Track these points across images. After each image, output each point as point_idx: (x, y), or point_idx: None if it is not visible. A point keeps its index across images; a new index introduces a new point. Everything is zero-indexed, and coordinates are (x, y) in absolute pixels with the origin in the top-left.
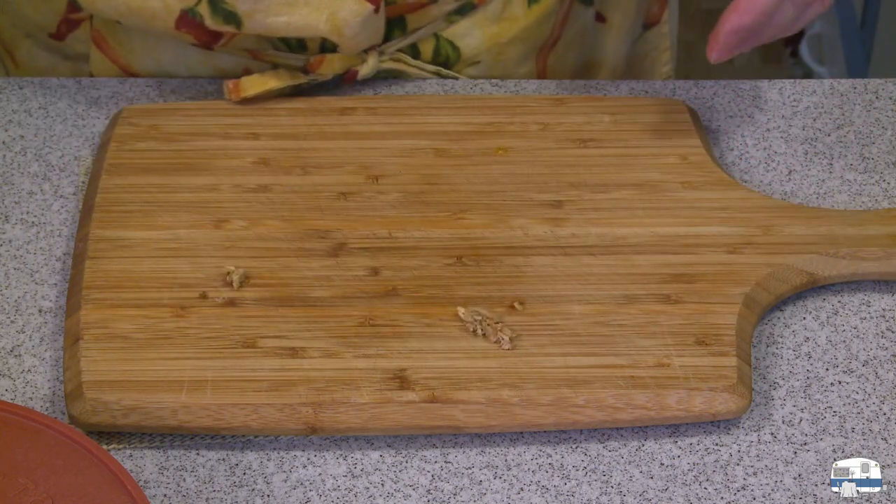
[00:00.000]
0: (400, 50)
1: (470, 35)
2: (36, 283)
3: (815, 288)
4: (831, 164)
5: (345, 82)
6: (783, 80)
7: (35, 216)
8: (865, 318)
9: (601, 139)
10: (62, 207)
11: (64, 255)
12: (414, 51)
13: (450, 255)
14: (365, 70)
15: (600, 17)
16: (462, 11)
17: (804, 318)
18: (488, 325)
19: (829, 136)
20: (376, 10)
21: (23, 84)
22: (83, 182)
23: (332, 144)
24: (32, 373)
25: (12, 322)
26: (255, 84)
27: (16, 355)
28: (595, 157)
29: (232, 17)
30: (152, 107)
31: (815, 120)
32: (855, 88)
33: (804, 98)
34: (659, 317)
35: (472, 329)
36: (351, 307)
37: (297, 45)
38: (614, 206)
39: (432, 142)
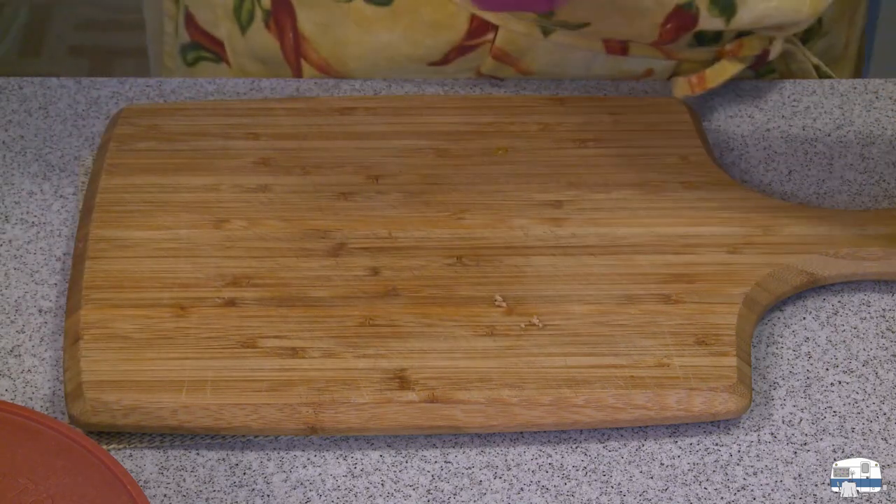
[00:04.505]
0: None
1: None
2: (36, 283)
3: (815, 288)
4: (831, 164)
5: (756, 66)
6: (783, 80)
7: (35, 216)
8: (865, 318)
9: (601, 139)
10: (62, 207)
11: (64, 255)
12: None
13: (450, 255)
14: (776, 49)
15: None
16: None
17: (804, 318)
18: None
19: (829, 136)
20: None
21: (23, 84)
22: (83, 182)
23: (332, 144)
24: (32, 373)
25: (12, 322)
26: (718, 73)
27: (16, 355)
28: (595, 157)
29: (728, 8)
30: (152, 107)
31: (815, 120)
32: (855, 88)
33: (804, 98)
34: (659, 317)
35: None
36: (351, 307)
37: (711, 37)
38: (614, 206)
39: (432, 142)
